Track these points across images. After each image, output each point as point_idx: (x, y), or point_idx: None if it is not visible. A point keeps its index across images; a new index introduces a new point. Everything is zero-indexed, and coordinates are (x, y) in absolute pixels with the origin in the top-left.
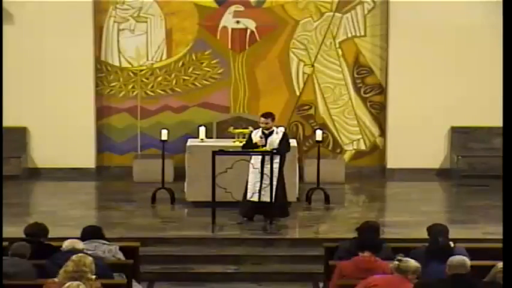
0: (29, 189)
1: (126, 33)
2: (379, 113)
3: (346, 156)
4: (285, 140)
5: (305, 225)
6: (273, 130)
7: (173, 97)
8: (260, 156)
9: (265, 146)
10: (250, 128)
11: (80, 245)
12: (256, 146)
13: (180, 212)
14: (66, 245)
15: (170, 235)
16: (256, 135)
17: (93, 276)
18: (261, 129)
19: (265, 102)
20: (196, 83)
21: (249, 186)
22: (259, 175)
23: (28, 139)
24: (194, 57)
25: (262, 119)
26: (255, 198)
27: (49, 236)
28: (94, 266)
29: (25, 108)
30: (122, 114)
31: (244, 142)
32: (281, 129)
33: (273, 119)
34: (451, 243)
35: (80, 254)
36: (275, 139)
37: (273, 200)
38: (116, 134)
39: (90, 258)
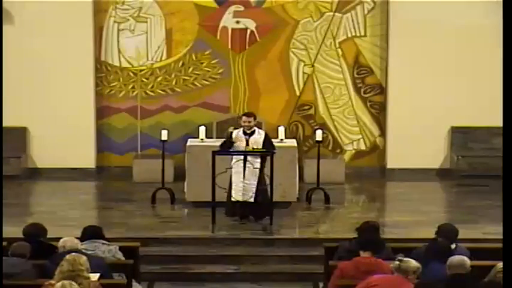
0: (29, 189)
1: (126, 33)
2: (379, 113)
3: (346, 156)
4: (268, 141)
5: (305, 225)
6: (255, 130)
7: (173, 97)
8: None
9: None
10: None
11: (77, 242)
12: (232, 144)
13: (180, 212)
14: (62, 244)
15: (170, 235)
16: (238, 135)
17: (90, 275)
18: (242, 128)
19: (265, 102)
20: (196, 83)
21: (247, 187)
22: (256, 176)
23: (28, 139)
24: (194, 57)
25: (245, 118)
26: (251, 199)
27: (49, 236)
28: (89, 264)
29: (25, 108)
30: (122, 114)
31: (222, 141)
32: (263, 131)
33: (255, 119)
34: (453, 245)
35: (73, 254)
36: (258, 139)
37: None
38: (116, 134)
39: (85, 257)
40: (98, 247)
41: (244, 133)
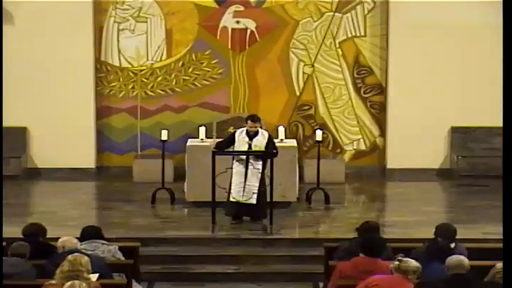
0: (29, 189)
1: (126, 33)
2: (379, 113)
3: (346, 156)
4: (271, 143)
5: (305, 225)
6: (258, 131)
7: (173, 97)
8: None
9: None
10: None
11: (76, 242)
12: (228, 145)
13: (180, 212)
14: (61, 244)
15: (170, 235)
16: (241, 136)
17: (90, 276)
18: (245, 129)
19: (265, 102)
20: (196, 83)
21: (248, 188)
22: (258, 178)
23: (28, 139)
24: (194, 57)
25: (251, 123)
26: (252, 201)
27: (49, 236)
28: (90, 265)
29: (25, 108)
30: (122, 114)
31: (221, 139)
32: (266, 132)
33: (260, 123)
34: (453, 244)
35: (75, 254)
36: (261, 141)
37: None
38: (116, 134)
39: (86, 258)
40: (98, 247)
41: (248, 133)
